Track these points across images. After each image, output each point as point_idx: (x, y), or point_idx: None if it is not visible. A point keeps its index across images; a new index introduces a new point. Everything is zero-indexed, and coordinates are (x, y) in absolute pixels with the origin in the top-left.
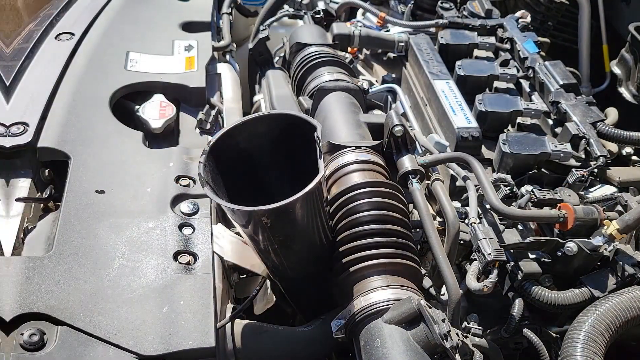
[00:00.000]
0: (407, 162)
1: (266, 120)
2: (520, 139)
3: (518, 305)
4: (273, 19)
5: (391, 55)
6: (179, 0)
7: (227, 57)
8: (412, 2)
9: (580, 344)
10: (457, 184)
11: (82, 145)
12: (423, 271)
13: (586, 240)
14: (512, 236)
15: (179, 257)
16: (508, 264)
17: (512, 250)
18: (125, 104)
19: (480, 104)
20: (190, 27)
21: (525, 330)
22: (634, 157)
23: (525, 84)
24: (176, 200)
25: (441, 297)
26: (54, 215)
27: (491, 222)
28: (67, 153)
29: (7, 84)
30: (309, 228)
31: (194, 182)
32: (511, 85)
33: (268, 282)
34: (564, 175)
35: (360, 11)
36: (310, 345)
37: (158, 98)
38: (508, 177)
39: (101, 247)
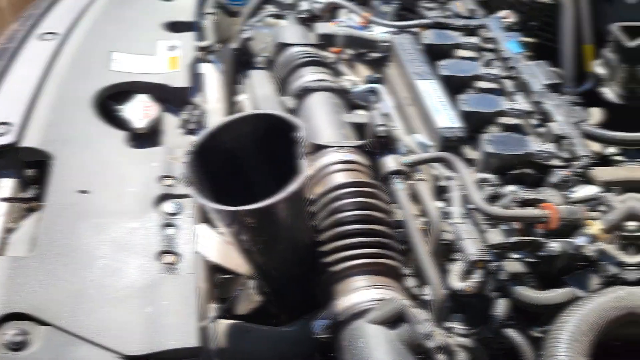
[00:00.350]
0: (390, 162)
1: (250, 119)
2: (503, 139)
3: (502, 305)
4: (256, 19)
5: (374, 55)
6: (163, 0)
7: (211, 57)
8: (397, 2)
9: (563, 344)
10: (441, 184)
11: (65, 145)
12: (407, 271)
13: (569, 240)
14: (495, 236)
15: (162, 257)
16: (492, 264)
17: (495, 250)
18: (109, 103)
19: (464, 104)
20: (173, 27)
21: (508, 330)
22: (618, 157)
23: (508, 84)
24: (160, 200)
25: (425, 297)
26: (37, 215)
27: (475, 222)
28: (50, 153)
29: None
30: (292, 228)
31: (178, 182)
32: (494, 85)
33: (252, 282)
34: (547, 175)
35: (343, 11)
36: (294, 345)
37: (142, 98)
38: (491, 177)
39: (84, 247)
